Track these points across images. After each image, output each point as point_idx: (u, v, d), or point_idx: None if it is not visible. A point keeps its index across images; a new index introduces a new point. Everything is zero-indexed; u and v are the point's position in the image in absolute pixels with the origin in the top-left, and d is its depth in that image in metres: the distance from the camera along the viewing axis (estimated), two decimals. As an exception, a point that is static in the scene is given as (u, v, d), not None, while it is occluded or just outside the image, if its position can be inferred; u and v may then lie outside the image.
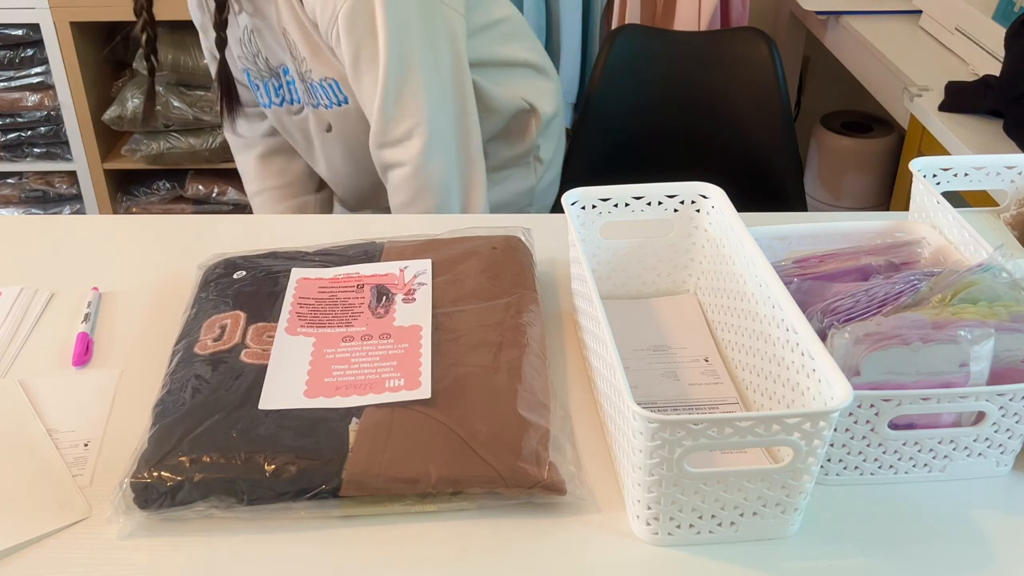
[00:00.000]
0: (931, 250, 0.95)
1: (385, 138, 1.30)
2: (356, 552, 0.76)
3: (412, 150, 1.29)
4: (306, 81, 1.36)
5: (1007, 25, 1.69)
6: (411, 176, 1.31)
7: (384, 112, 1.28)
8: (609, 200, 0.98)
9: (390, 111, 1.28)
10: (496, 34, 1.44)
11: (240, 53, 1.38)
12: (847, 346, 0.78)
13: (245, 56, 1.39)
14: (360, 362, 0.88)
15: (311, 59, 1.33)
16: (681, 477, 0.71)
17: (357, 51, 1.25)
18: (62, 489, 0.81)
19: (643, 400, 0.89)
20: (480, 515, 0.78)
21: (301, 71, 1.36)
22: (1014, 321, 0.80)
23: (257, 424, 0.81)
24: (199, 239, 1.17)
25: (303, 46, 1.32)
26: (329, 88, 1.35)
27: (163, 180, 2.62)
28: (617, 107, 1.83)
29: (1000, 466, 0.82)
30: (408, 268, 1.01)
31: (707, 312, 1.01)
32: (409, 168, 1.30)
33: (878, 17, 2.19)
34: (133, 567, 0.74)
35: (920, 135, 1.84)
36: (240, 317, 0.95)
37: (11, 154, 2.53)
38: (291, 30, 1.31)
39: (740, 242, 0.89)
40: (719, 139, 1.84)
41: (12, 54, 2.40)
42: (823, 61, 2.62)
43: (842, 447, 0.79)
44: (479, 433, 0.80)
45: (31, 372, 0.95)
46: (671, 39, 1.91)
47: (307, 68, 1.34)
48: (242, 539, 0.77)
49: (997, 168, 1.02)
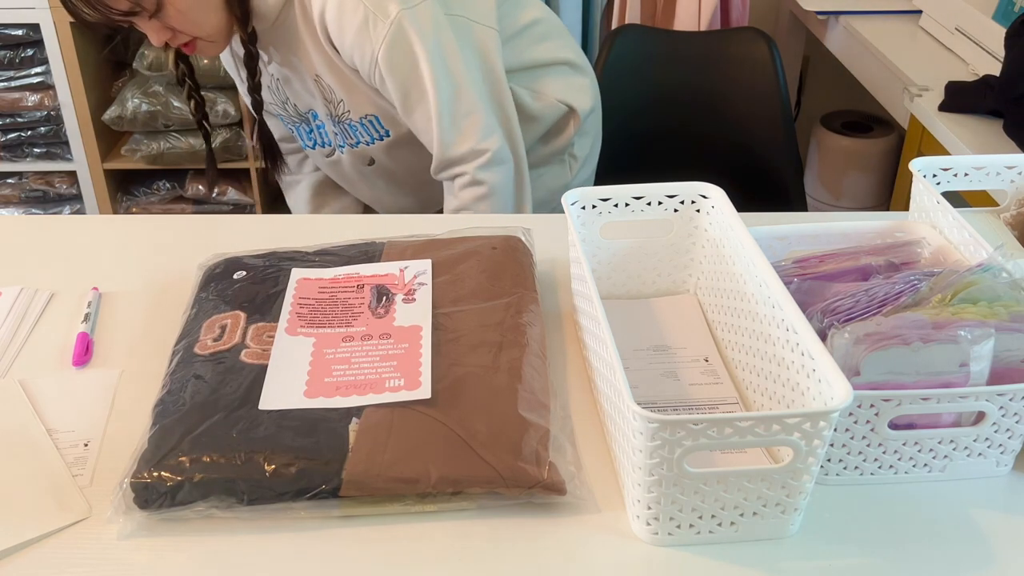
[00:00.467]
0: (931, 250, 0.95)
1: (447, 161, 1.33)
2: (356, 552, 0.75)
3: (474, 166, 1.33)
4: (343, 122, 1.39)
5: (1007, 25, 1.69)
6: (476, 189, 1.34)
7: (443, 140, 1.31)
8: (609, 200, 0.98)
9: (448, 138, 1.31)
10: (528, 38, 1.46)
11: (271, 100, 1.40)
12: (847, 346, 0.78)
13: (275, 103, 1.41)
14: (360, 362, 0.88)
15: (349, 100, 1.35)
16: (681, 477, 0.71)
17: (405, 88, 1.28)
18: (62, 489, 0.81)
19: (643, 400, 0.89)
20: (480, 515, 0.78)
21: (337, 113, 1.38)
22: (1014, 321, 0.80)
23: (257, 424, 0.81)
24: (199, 239, 1.17)
25: (339, 89, 1.34)
26: (370, 124, 1.38)
27: (163, 180, 2.62)
28: (617, 107, 1.83)
29: (1000, 466, 0.82)
30: (408, 268, 1.01)
31: (707, 312, 1.01)
32: (473, 181, 1.34)
33: (878, 17, 2.19)
34: (133, 567, 0.74)
35: (920, 135, 1.84)
36: (240, 317, 0.95)
37: (11, 154, 2.53)
38: (324, 75, 1.33)
39: (740, 242, 0.89)
40: (719, 139, 1.84)
41: (12, 54, 2.40)
42: (823, 61, 2.62)
43: (842, 447, 0.79)
44: (479, 433, 0.80)
45: (31, 372, 0.95)
46: (671, 39, 1.91)
47: (345, 109, 1.36)
48: (242, 539, 0.77)
49: (997, 168, 1.02)
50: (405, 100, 1.29)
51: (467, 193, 1.34)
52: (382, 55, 1.25)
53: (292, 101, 1.39)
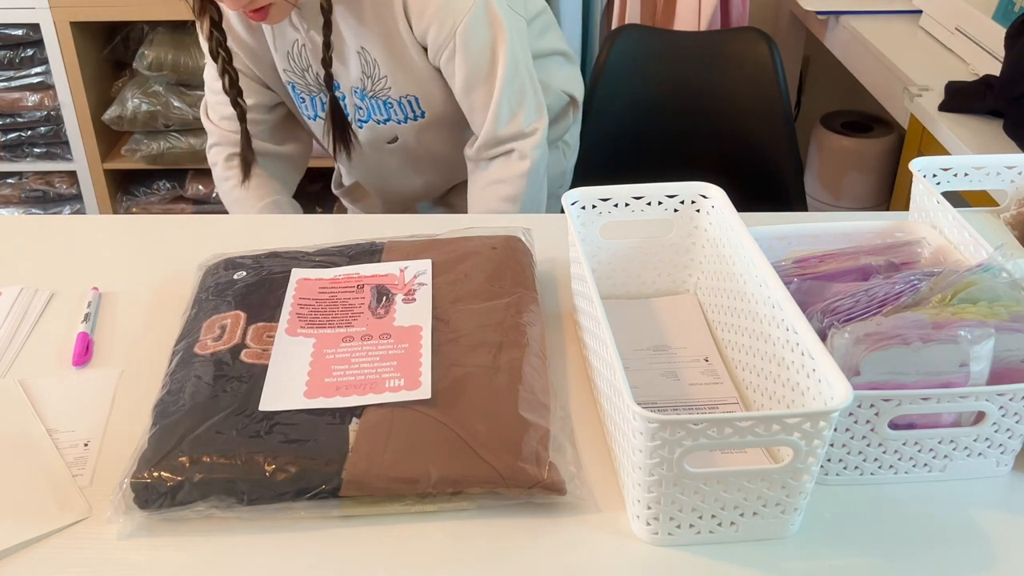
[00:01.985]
0: (931, 250, 0.95)
1: (496, 139, 1.36)
2: (356, 552, 0.75)
3: (526, 144, 1.36)
4: (378, 98, 1.38)
5: (1007, 25, 1.69)
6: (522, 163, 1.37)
7: (500, 118, 1.34)
8: (609, 200, 0.98)
9: (505, 116, 1.34)
10: (537, 27, 1.49)
11: (287, 67, 1.39)
12: (847, 346, 0.78)
13: (292, 70, 1.40)
14: (360, 362, 0.88)
15: (393, 76, 1.35)
16: (681, 477, 0.71)
17: (476, 64, 1.31)
18: (62, 489, 0.81)
19: (643, 400, 0.89)
20: (480, 515, 0.78)
21: (374, 89, 1.38)
22: (1014, 321, 0.80)
23: (257, 424, 0.81)
24: (199, 239, 1.17)
25: (387, 65, 1.34)
26: (408, 104, 1.39)
27: (163, 180, 2.62)
28: (617, 107, 1.83)
29: (1000, 466, 0.82)
30: (408, 268, 1.01)
31: (707, 312, 1.01)
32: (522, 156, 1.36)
33: (878, 17, 2.19)
34: (133, 567, 0.74)
35: (920, 135, 1.84)
36: (240, 317, 0.95)
37: (11, 154, 2.53)
38: (373, 48, 1.33)
39: (740, 242, 0.89)
40: (719, 139, 1.84)
41: (12, 54, 2.39)
42: (823, 61, 2.61)
43: (842, 447, 0.79)
44: (479, 433, 0.80)
45: (31, 372, 0.95)
46: (671, 39, 1.91)
47: (386, 86, 1.37)
48: (242, 539, 0.77)
49: (997, 168, 1.02)
50: (471, 77, 1.31)
51: (512, 167, 1.37)
52: (462, 28, 1.27)
53: (315, 69, 1.38)
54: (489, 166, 1.39)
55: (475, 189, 1.42)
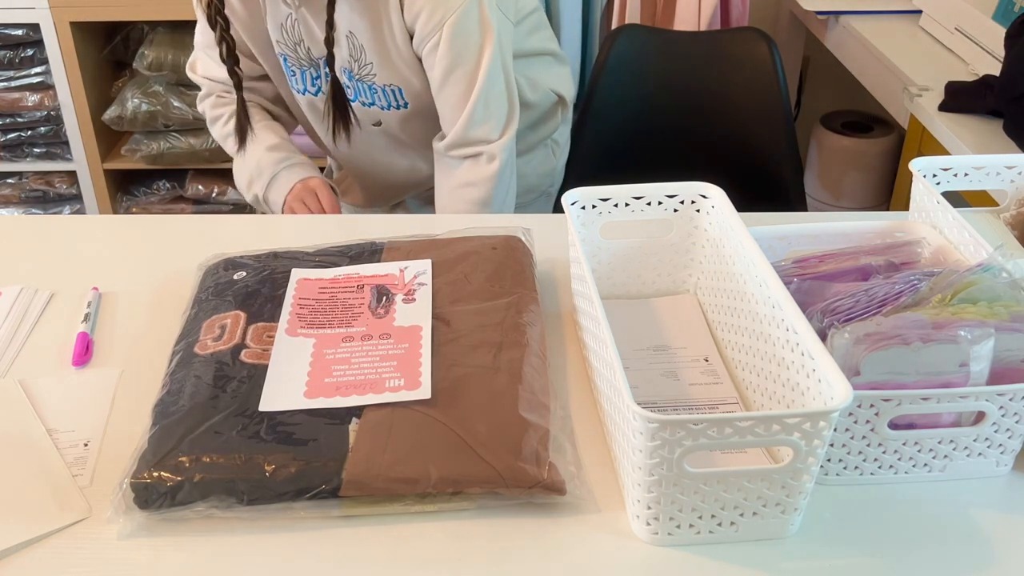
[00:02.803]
0: (931, 250, 0.95)
1: (466, 139, 1.36)
2: (356, 552, 0.75)
3: (495, 146, 1.36)
4: (363, 81, 1.39)
5: (1007, 25, 1.69)
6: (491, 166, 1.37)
7: (472, 119, 1.34)
8: (609, 200, 0.98)
9: (478, 118, 1.34)
10: (527, 26, 1.49)
11: (280, 38, 1.39)
12: (847, 346, 0.78)
13: (285, 43, 1.40)
14: (360, 362, 0.88)
15: (378, 65, 1.36)
16: (681, 477, 0.71)
17: (456, 60, 1.30)
18: (62, 489, 0.81)
19: (643, 400, 0.89)
20: (480, 515, 0.78)
21: (360, 73, 1.39)
22: (1014, 321, 0.80)
23: (257, 424, 0.81)
24: (199, 239, 1.17)
25: (372, 53, 1.35)
26: (392, 93, 1.39)
27: (163, 180, 2.62)
28: (617, 107, 1.83)
29: (1000, 466, 0.82)
30: (408, 268, 1.01)
31: (707, 312, 1.01)
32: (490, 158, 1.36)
33: (878, 17, 2.19)
34: (133, 567, 0.74)
35: (920, 135, 1.84)
36: (240, 317, 0.95)
37: (11, 154, 2.53)
38: (360, 34, 1.33)
39: (740, 242, 0.89)
40: (719, 139, 1.84)
41: (12, 54, 2.39)
42: (823, 61, 2.61)
43: (842, 447, 0.79)
44: (479, 433, 0.80)
45: (31, 372, 0.95)
46: (671, 39, 1.91)
47: (372, 72, 1.37)
48: (242, 539, 0.77)
49: (997, 168, 1.02)
50: (449, 72, 1.31)
51: (480, 170, 1.36)
52: (451, 22, 1.27)
53: (307, 44, 1.39)
54: (459, 167, 1.39)
55: (443, 191, 1.42)
